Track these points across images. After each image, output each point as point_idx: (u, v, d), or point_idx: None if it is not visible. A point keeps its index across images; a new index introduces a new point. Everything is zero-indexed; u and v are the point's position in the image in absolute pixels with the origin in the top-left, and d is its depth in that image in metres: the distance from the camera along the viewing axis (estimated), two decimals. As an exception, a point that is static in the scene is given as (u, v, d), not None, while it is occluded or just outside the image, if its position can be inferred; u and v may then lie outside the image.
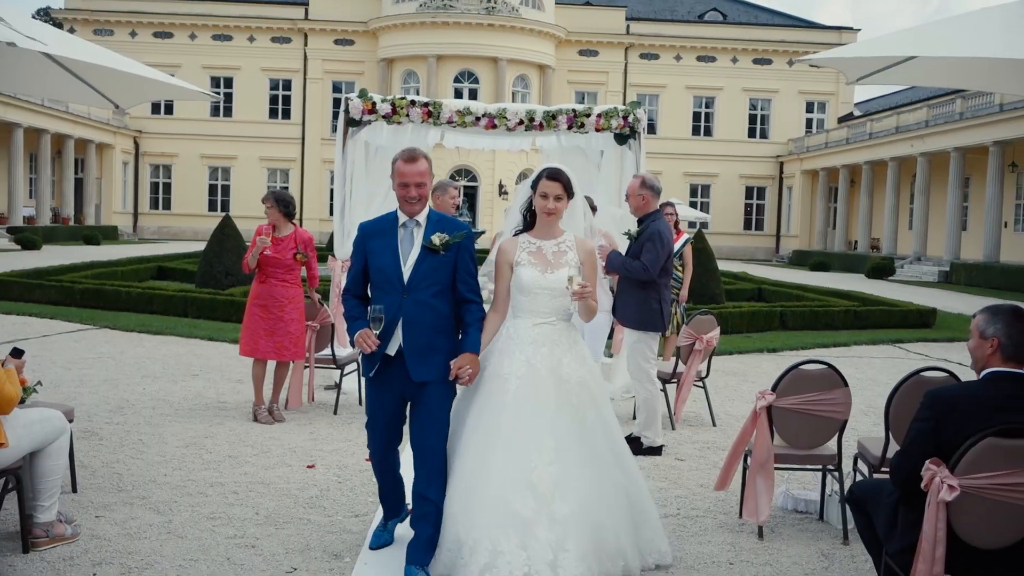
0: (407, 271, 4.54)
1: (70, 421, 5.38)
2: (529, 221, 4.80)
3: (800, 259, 46.62)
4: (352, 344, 4.56)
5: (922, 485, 3.81)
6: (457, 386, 4.69)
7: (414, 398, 4.62)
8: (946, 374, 5.23)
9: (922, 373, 5.25)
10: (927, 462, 3.82)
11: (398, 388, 4.61)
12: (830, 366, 5.54)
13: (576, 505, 4.37)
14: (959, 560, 3.86)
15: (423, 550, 4.51)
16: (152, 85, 6.49)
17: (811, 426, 5.50)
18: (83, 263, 21.90)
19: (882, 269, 35.45)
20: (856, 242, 46.18)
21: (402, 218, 4.65)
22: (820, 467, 5.76)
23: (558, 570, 4.23)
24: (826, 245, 48.95)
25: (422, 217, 4.63)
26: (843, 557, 5.18)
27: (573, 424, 4.52)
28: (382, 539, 5.02)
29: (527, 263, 4.66)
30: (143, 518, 5.38)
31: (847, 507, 5.10)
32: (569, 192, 4.68)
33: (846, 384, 5.49)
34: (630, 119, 9.55)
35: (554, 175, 4.66)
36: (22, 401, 4.84)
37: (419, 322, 4.51)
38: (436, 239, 4.52)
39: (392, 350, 4.54)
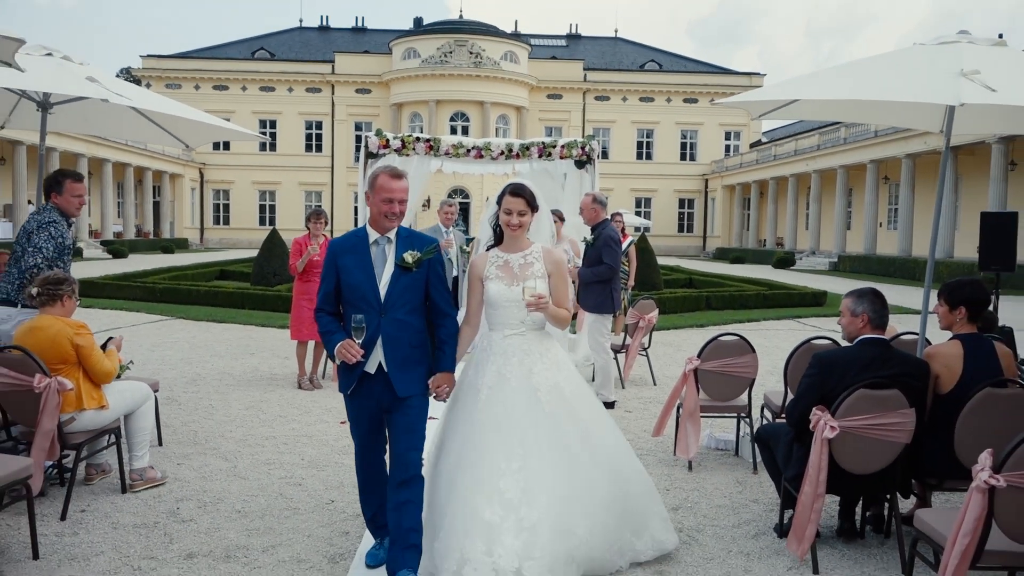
0: (383, 289, 3.58)
1: (155, 391, 5.41)
2: (499, 235, 3.91)
3: (722, 254, 46.75)
4: (332, 358, 3.65)
5: (810, 426, 3.87)
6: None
7: (395, 411, 3.63)
8: (830, 341, 5.31)
9: (812, 341, 5.32)
10: (814, 408, 3.89)
11: (378, 402, 3.65)
12: (742, 337, 5.61)
13: (546, 511, 3.54)
14: (838, 482, 3.95)
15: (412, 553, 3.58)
16: (214, 129, 6.52)
17: (728, 383, 5.58)
18: (161, 268, 21.77)
19: (785, 261, 35.67)
20: (765, 240, 46.34)
21: (373, 235, 3.64)
22: (735, 415, 5.84)
23: None
24: (742, 243, 49.09)
25: (393, 234, 3.65)
26: (753, 483, 5.27)
27: (544, 430, 3.67)
28: (379, 557, 3.87)
29: (495, 277, 3.80)
30: (214, 464, 5.42)
31: (755, 445, 5.17)
32: (533, 206, 3.80)
33: (754, 351, 5.57)
34: (587, 149, 9.62)
35: (516, 191, 3.78)
36: (118, 376, 4.88)
37: (397, 339, 3.58)
38: (409, 257, 3.59)
39: (372, 368, 3.60)
